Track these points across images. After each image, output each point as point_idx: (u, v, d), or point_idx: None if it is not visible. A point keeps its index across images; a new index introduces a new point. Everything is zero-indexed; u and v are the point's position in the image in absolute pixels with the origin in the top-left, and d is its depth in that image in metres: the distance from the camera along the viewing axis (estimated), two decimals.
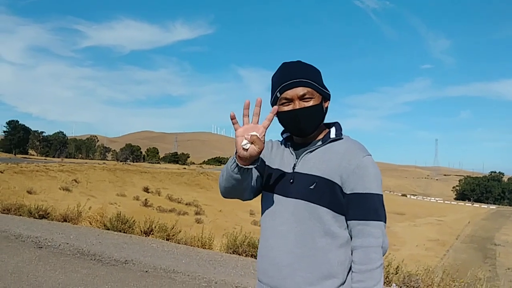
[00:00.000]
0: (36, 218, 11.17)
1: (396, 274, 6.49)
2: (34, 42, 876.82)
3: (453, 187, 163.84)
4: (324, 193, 1.67)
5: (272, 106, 1.77)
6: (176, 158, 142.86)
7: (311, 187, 1.69)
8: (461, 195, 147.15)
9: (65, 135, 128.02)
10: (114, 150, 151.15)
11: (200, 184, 70.05)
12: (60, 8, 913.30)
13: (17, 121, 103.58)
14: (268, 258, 1.76)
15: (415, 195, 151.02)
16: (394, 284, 6.21)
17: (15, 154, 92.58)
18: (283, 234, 1.72)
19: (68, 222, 10.85)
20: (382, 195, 1.69)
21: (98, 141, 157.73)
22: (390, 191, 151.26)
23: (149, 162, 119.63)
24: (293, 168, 1.77)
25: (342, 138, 1.77)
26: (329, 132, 1.81)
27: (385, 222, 1.68)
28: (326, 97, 1.80)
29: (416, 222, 60.50)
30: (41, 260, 6.39)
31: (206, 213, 43.63)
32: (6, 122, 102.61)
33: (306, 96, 1.73)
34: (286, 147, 1.87)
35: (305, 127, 1.75)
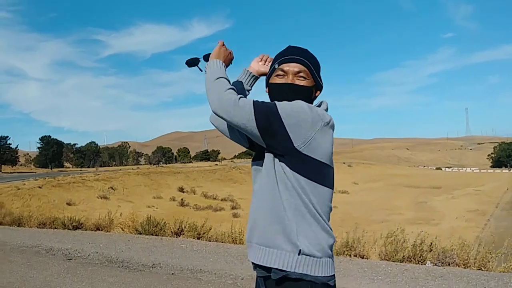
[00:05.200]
0: (70, 230, 11.28)
1: (430, 251, 6.16)
2: (57, 57, 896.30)
3: (488, 155, 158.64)
4: None
5: (267, 79, 1.86)
6: (207, 156, 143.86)
7: None
8: (497, 162, 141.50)
9: (97, 145, 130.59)
10: (146, 154, 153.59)
11: (233, 178, 70.31)
12: (78, 21, 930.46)
13: (49, 136, 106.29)
14: None
15: (450, 167, 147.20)
16: (429, 262, 5.89)
17: (51, 168, 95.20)
18: None
19: (101, 230, 10.90)
20: (276, 105, 1.65)
21: (129, 147, 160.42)
22: (424, 166, 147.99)
23: (181, 162, 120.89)
24: None
25: None
26: None
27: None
28: (318, 86, 1.84)
29: (453, 194, 58.62)
30: (69, 272, 6.36)
31: (242, 207, 43.76)
32: (39, 138, 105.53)
33: (301, 74, 1.76)
34: None
35: None
